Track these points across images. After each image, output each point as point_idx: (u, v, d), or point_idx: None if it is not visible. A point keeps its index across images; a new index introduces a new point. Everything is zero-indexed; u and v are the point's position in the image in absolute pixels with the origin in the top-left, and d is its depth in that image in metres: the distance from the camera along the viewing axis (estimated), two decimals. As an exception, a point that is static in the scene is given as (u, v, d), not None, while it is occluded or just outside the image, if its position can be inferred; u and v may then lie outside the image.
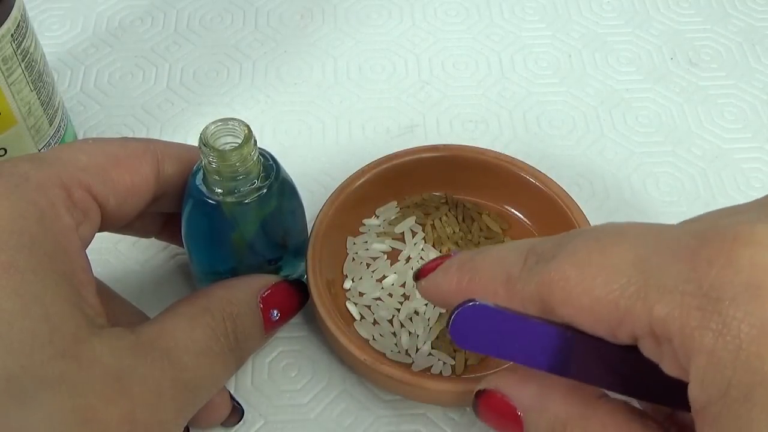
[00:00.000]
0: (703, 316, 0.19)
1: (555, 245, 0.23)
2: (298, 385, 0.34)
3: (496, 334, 0.24)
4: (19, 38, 0.34)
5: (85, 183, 0.26)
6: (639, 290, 0.20)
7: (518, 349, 0.24)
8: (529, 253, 0.24)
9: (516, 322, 0.24)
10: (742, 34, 0.49)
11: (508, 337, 0.24)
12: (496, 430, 0.26)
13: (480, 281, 0.25)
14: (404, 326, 0.34)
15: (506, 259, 0.24)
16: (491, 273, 0.25)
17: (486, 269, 0.25)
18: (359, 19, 0.50)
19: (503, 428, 0.26)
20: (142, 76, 0.46)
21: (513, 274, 0.24)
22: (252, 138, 0.28)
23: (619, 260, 0.21)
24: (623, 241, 0.22)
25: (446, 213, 0.38)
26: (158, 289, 0.37)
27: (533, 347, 0.24)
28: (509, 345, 0.24)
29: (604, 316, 0.21)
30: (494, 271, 0.25)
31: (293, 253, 0.33)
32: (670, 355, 0.20)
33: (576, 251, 0.22)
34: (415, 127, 0.44)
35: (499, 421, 0.26)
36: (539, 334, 0.23)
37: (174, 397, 0.25)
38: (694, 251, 0.20)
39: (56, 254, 0.24)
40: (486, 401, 0.26)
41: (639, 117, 0.44)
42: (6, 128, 0.35)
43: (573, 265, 0.22)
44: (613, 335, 0.21)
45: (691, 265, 0.19)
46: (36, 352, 0.22)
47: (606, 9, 0.50)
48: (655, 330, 0.20)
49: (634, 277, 0.20)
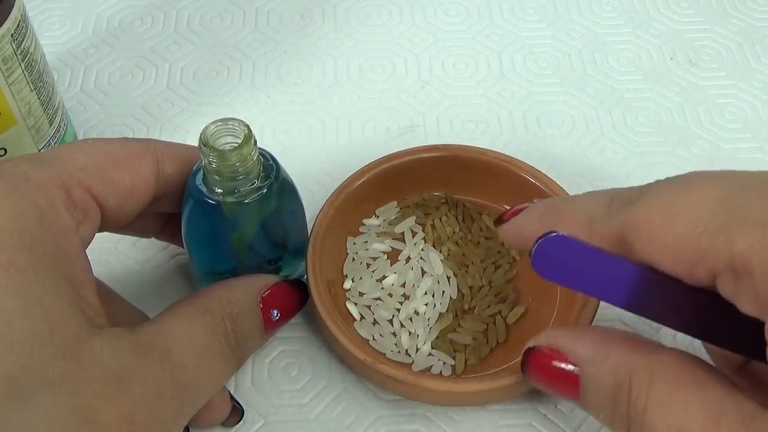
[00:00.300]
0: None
1: (640, 190, 0.24)
2: (298, 385, 0.34)
3: (576, 266, 0.24)
4: (19, 38, 0.34)
5: (85, 183, 0.26)
6: (722, 225, 0.20)
7: (596, 282, 0.24)
8: (614, 198, 0.24)
9: (596, 256, 0.24)
10: (742, 34, 0.49)
11: (587, 270, 0.24)
12: (548, 388, 0.26)
13: (562, 225, 0.25)
14: (404, 326, 0.34)
15: (591, 204, 0.25)
16: (576, 217, 0.25)
17: (570, 213, 0.25)
18: (359, 19, 0.50)
19: (557, 385, 0.25)
20: (142, 76, 0.46)
21: (597, 217, 0.24)
22: (252, 138, 0.28)
23: (704, 199, 0.21)
24: (708, 183, 0.22)
25: (446, 213, 0.38)
26: (158, 289, 0.37)
27: (611, 282, 0.24)
28: (588, 277, 0.24)
29: (686, 254, 0.21)
30: (579, 215, 0.25)
31: (293, 253, 0.33)
32: (749, 291, 0.20)
33: (661, 193, 0.23)
34: (415, 127, 0.44)
35: (553, 378, 0.25)
36: (618, 269, 0.24)
37: (174, 397, 0.25)
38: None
39: (56, 254, 0.24)
40: (537, 358, 0.25)
41: (639, 117, 0.44)
42: (6, 128, 0.35)
43: (658, 205, 0.22)
44: (691, 274, 0.21)
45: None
46: (36, 352, 0.22)
47: (606, 9, 0.50)
48: (736, 264, 0.20)
49: (719, 214, 0.21)
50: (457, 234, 0.37)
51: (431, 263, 0.36)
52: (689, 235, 0.21)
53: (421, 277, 0.36)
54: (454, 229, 0.37)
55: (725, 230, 0.20)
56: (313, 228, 0.34)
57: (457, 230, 0.37)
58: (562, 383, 0.25)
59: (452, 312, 0.35)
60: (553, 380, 0.25)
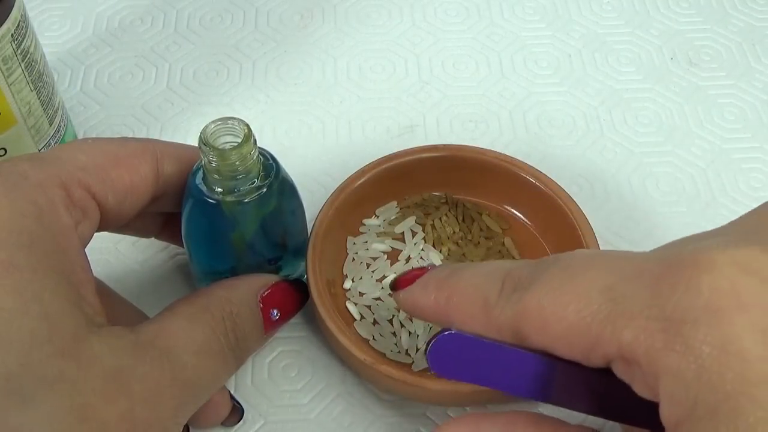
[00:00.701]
0: (667, 339, 0.20)
1: (531, 273, 0.24)
2: (298, 385, 0.34)
3: (474, 362, 0.25)
4: (19, 38, 0.34)
5: (84, 182, 0.26)
6: (608, 317, 0.21)
7: (497, 376, 0.24)
8: (506, 279, 0.24)
9: (494, 351, 0.24)
10: (742, 34, 0.49)
11: (486, 365, 0.24)
12: None
13: (457, 303, 0.26)
14: (404, 326, 0.34)
15: (484, 284, 0.25)
16: (469, 295, 0.25)
17: (463, 291, 0.26)
18: (359, 19, 0.50)
19: None
20: (142, 76, 0.46)
21: (490, 300, 0.24)
22: (252, 137, 0.28)
23: (589, 288, 0.22)
24: (592, 269, 0.22)
25: (446, 213, 0.38)
26: (158, 289, 0.37)
27: (512, 374, 0.24)
28: (488, 373, 0.24)
29: (578, 342, 0.22)
30: (472, 294, 0.25)
31: (293, 252, 0.33)
32: (640, 378, 0.21)
33: (550, 280, 0.23)
34: (415, 127, 0.44)
35: None
36: (517, 361, 0.24)
37: (173, 396, 0.25)
38: (658, 277, 0.21)
39: (55, 253, 0.24)
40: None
41: (639, 117, 0.44)
42: (6, 128, 0.35)
43: (546, 294, 0.23)
44: (587, 359, 0.22)
45: (655, 290, 0.20)
46: (35, 350, 0.22)
47: (606, 9, 0.50)
48: (624, 354, 0.21)
49: (603, 304, 0.21)
50: (457, 234, 0.37)
51: (431, 263, 0.36)
52: (579, 325, 0.22)
53: (421, 276, 0.36)
54: (454, 229, 0.37)
55: (611, 321, 0.21)
56: (313, 228, 0.34)
57: (457, 230, 0.37)
58: None
59: (452, 312, 0.35)
60: None
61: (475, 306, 0.25)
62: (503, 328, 0.24)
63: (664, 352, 0.19)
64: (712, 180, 0.41)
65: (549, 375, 0.24)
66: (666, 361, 0.19)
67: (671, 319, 0.20)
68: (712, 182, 0.41)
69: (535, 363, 0.24)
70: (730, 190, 0.41)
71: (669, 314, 0.20)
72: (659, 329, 0.20)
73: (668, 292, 0.20)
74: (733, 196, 0.41)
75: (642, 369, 0.20)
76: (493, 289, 0.24)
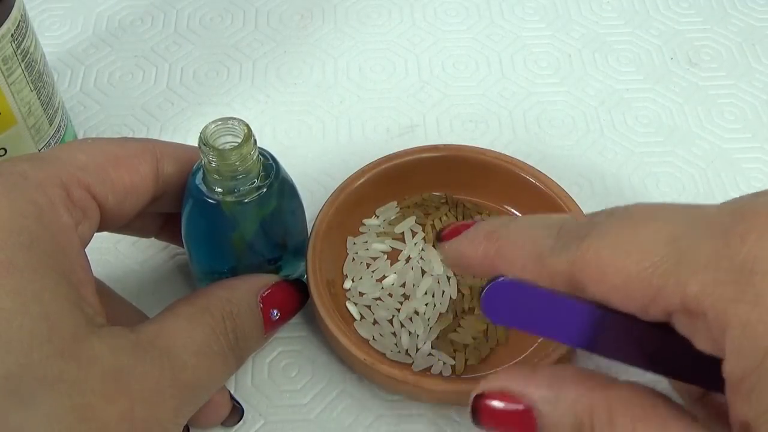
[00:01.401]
0: (737, 290, 0.19)
1: (587, 224, 0.23)
2: (298, 385, 0.34)
3: (527, 310, 0.24)
4: (19, 38, 0.34)
5: (84, 182, 0.26)
6: (672, 267, 0.20)
7: (549, 324, 0.24)
8: (562, 230, 0.24)
9: (547, 299, 0.24)
10: (742, 34, 0.49)
11: (539, 313, 0.24)
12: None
13: (508, 254, 0.25)
14: (404, 326, 0.34)
15: (537, 235, 0.24)
16: (521, 246, 0.24)
17: (515, 243, 0.25)
18: (359, 19, 0.50)
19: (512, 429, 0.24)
20: (142, 76, 0.46)
21: (544, 250, 0.24)
22: (252, 137, 0.28)
23: (652, 238, 0.21)
24: (656, 220, 0.22)
25: (446, 213, 0.38)
26: (158, 289, 0.37)
27: (564, 323, 0.24)
28: (540, 321, 0.24)
29: (637, 294, 0.21)
30: (524, 245, 0.24)
31: (293, 253, 0.33)
32: (703, 331, 0.20)
33: (609, 230, 0.22)
34: (415, 127, 0.44)
35: (507, 424, 0.24)
36: (570, 310, 0.23)
37: (173, 396, 0.25)
38: (728, 228, 0.20)
39: (55, 253, 0.24)
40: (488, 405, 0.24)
41: (639, 117, 0.44)
42: (6, 128, 0.35)
43: (606, 244, 0.22)
44: (645, 312, 0.21)
45: (724, 241, 0.20)
46: (35, 350, 0.22)
47: (606, 9, 0.50)
48: (689, 306, 0.20)
49: (668, 255, 0.20)
50: (457, 234, 0.37)
51: (431, 263, 0.36)
52: (640, 276, 0.21)
53: (421, 277, 0.36)
54: (454, 229, 0.37)
55: (676, 272, 0.20)
56: (313, 228, 0.34)
57: (457, 230, 0.37)
58: (518, 428, 0.24)
59: (452, 312, 0.35)
60: (508, 426, 0.24)
61: (527, 256, 0.24)
62: (557, 278, 0.23)
63: (733, 304, 0.19)
64: (712, 180, 0.41)
65: (601, 326, 0.23)
66: (735, 312, 0.19)
67: (742, 269, 0.19)
68: (712, 182, 0.41)
69: (588, 313, 0.23)
70: (730, 190, 0.41)
71: (739, 265, 0.19)
72: (729, 280, 0.19)
73: (738, 243, 0.19)
74: (733, 196, 0.40)
75: (707, 321, 0.20)
76: (547, 239, 0.24)
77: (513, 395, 0.24)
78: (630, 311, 0.22)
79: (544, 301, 0.24)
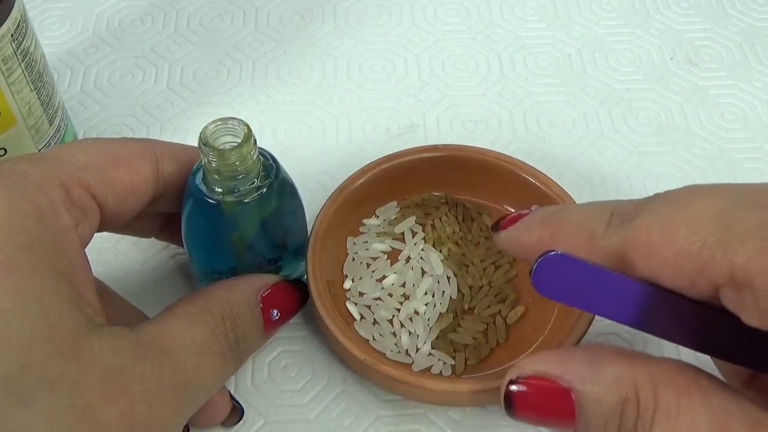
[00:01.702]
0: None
1: (638, 205, 0.24)
2: (298, 385, 0.34)
3: (577, 285, 0.24)
4: (19, 38, 0.34)
5: (84, 182, 0.26)
6: (720, 239, 0.20)
7: (599, 300, 0.24)
8: (614, 213, 0.24)
9: (598, 274, 0.24)
10: (742, 34, 0.49)
11: (589, 289, 0.24)
12: (540, 420, 0.24)
13: (562, 237, 0.25)
14: (404, 326, 0.34)
15: (590, 217, 0.25)
16: (575, 229, 0.25)
17: (569, 226, 0.25)
18: (359, 19, 0.50)
19: (550, 415, 0.23)
20: (142, 76, 0.46)
21: (596, 233, 0.24)
22: (252, 137, 0.28)
23: (701, 213, 0.21)
24: (705, 196, 0.22)
25: (446, 213, 0.38)
26: (158, 289, 0.37)
27: (614, 300, 0.24)
28: (590, 296, 0.24)
29: (686, 268, 0.21)
30: (578, 228, 0.25)
31: (293, 253, 0.33)
32: (751, 303, 0.20)
33: (659, 208, 0.23)
34: (415, 127, 0.44)
35: (545, 407, 0.23)
36: (620, 287, 0.24)
37: (173, 396, 0.25)
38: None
39: (55, 253, 0.24)
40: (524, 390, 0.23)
41: (639, 117, 0.44)
42: (6, 128, 0.35)
43: (656, 221, 0.22)
44: (693, 287, 0.22)
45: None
46: (35, 350, 0.22)
47: (606, 9, 0.50)
48: (737, 277, 0.20)
49: (716, 228, 0.21)
50: (457, 234, 0.37)
51: (431, 263, 0.36)
52: (688, 250, 0.21)
53: (421, 277, 0.36)
54: (454, 229, 0.37)
55: (723, 244, 0.20)
56: (313, 228, 0.34)
57: (457, 230, 0.37)
58: (556, 411, 0.23)
59: (452, 312, 0.35)
60: (546, 409, 0.23)
61: (580, 238, 0.25)
62: (608, 256, 0.24)
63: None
64: (712, 180, 0.41)
65: (650, 303, 0.23)
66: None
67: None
68: (712, 182, 0.41)
69: (637, 290, 0.23)
70: (730, 190, 0.41)
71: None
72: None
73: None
74: (733, 196, 0.41)
75: (755, 292, 0.20)
76: (600, 221, 0.24)
77: (551, 378, 0.23)
78: (678, 287, 0.22)
79: (594, 275, 0.24)
